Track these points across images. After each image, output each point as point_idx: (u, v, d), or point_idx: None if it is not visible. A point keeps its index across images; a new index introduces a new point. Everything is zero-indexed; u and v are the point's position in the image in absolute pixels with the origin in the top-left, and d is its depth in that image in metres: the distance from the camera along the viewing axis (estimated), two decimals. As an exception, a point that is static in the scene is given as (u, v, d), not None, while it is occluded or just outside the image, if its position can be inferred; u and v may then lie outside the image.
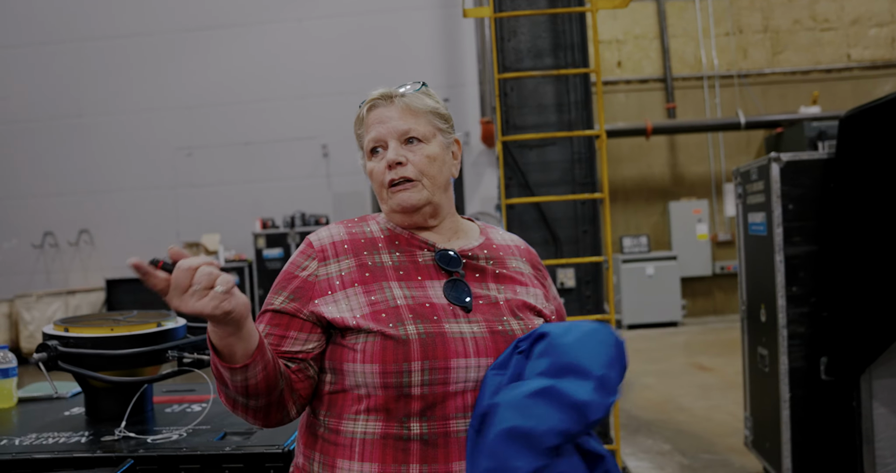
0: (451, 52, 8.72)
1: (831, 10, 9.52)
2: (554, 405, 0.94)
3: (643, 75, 9.51)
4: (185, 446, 1.54)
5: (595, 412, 0.95)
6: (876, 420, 2.87)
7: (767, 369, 3.19)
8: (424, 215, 1.20)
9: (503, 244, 1.28)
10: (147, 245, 8.62)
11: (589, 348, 1.00)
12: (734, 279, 9.43)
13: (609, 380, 0.98)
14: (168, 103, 8.73)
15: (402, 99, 1.21)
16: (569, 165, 3.64)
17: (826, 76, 9.45)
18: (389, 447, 1.06)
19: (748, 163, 3.43)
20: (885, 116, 2.69)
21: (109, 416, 1.79)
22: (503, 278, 1.21)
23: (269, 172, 8.72)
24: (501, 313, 1.15)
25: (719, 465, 3.67)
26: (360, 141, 1.25)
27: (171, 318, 1.88)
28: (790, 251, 3.01)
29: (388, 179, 1.18)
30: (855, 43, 9.52)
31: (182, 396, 2.03)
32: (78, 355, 1.68)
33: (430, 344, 1.06)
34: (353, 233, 1.21)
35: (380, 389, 1.06)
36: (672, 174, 9.58)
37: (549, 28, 3.66)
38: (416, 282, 1.15)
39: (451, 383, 1.06)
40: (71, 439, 1.64)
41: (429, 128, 1.20)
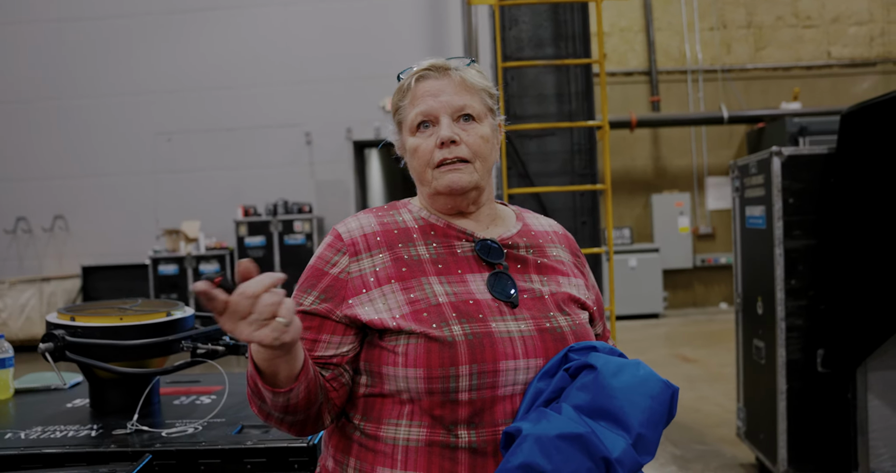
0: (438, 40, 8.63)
1: (813, 8, 9.63)
2: (581, 454, 0.89)
3: (628, 68, 9.53)
4: (204, 440, 1.49)
5: (622, 471, 0.90)
6: (870, 411, 2.93)
7: (764, 361, 3.22)
8: (469, 200, 1.12)
9: (541, 231, 1.20)
10: (125, 232, 8.44)
11: (636, 399, 0.94)
12: (714, 272, 9.56)
13: (647, 440, 0.93)
14: (148, 87, 8.51)
15: (457, 72, 1.12)
16: (568, 156, 3.62)
17: (807, 73, 9.58)
18: (436, 455, 0.99)
19: (746, 157, 3.45)
20: (885, 114, 2.72)
21: (116, 409, 1.73)
22: (545, 269, 1.14)
23: (251, 159, 8.57)
24: (548, 308, 1.08)
25: (711, 456, 3.71)
26: (398, 114, 1.15)
27: (180, 307, 1.82)
28: (789, 245, 3.04)
29: (438, 157, 1.08)
30: (835, 41, 9.66)
31: (189, 387, 1.97)
32: (87, 345, 1.61)
33: (477, 346, 1.00)
34: (384, 223, 1.13)
35: (424, 394, 1.00)
36: (655, 167, 9.65)
37: (551, 17, 3.63)
38: (457, 276, 1.08)
39: (500, 386, 1.00)
40: (80, 432, 1.58)
41: (482, 107, 1.12)
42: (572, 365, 1.01)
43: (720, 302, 9.53)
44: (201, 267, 7.91)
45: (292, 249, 7.95)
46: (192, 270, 7.91)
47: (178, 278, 7.86)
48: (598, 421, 0.93)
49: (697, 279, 9.56)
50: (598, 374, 0.96)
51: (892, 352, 2.91)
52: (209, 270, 7.92)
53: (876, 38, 9.66)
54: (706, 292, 9.56)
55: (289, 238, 7.96)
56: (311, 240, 7.96)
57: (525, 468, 0.89)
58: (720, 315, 8.83)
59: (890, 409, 2.94)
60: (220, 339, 1.71)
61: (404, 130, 1.14)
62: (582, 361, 1.01)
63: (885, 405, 2.94)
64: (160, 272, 7.86)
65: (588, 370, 0.99)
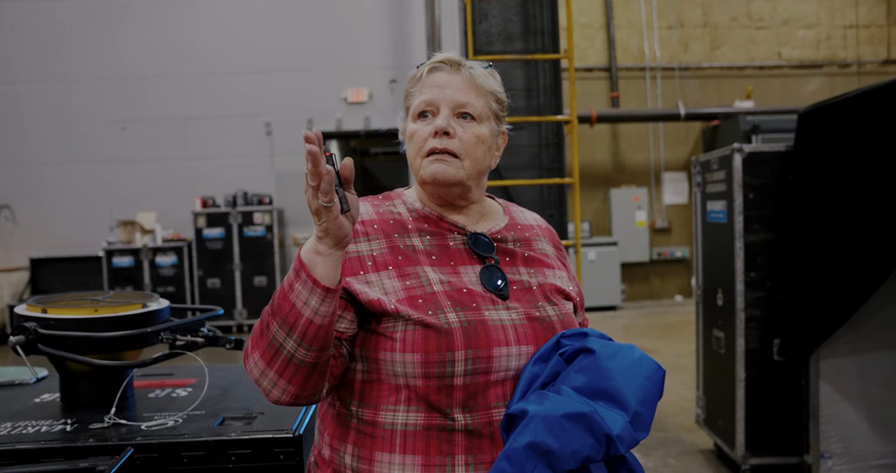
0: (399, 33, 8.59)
1: (765, 10, 9.94)
2: (585, 432, 0.94)
3: (589, 64, 9.67)
4: (186, 432, 1.47)
5: (622, 447, 0.95)
6: (821, 397, 3.07)
7: (723, 350, 3.34)
8: (453, 194, 1.15)
9: (527, 224, 1.25)
10: (76, 223, 8.17)
11: (632, 379, 1.00)
12: (670, 265, 9.81)
13: (642, 417, 0.98)
14: (102, 74, 8.23)
15: (469, 70, 1.14)
16: (536, 150, 3.67)
17: (759, 73, 9.89)
18: (433, 438, 1.02)
19: (708, 153, 3.55)
20: (840, 114, 2.84)
21: (89, 403, 1.69)
22: (532, 262, 1.18)
23: (209, 149, 8.39)
24: (536, 298, 1.13)
25: (671, 443, 3.82)
26: (407, 100, 1.17)
27: (154, 298, 1.79)
28: (749, 238, 3.15)
29: (429, 146, 1.11)
30: (785, 42, 9.99)
31: (162, 380, 1.94)
32: (60, 337, 1.57)
33: (472, 333, 1.03)
34: (380, 213, 1.15)
35: (420, 379, 1.02)
36: (614, 162, 9.83)
37: (520, 12, 3.66)
38: (450, 267, 1.11)
39: (493, 371, 1.04)
40: (53, 427, 1.53)
41: (486, 109, 1.14)
42: (567, 350, 1.06)
43: (675, 295, 9.79)
44: (158, 259, 7.72)
45: (252, 240, 7.84)
46: (149, 262, 7.72)
47: (133, 270, 7.66)
48: (597, 401, 0.98)
49: (654, 272, 9.80)
50: (597, 357, 1.01)
51: (841, 341, 3.05)
52: (166, 262, 7.73)
53: (822, 42, 10.03)
54: (662, 285, 9.81)
55: (248, 230, 7.84)
56: (272, 232, 7.86)
57: (533, 446, 0.93)
58: (675, 307, 9.08)
59: (839, 395, 3.08)
60: (199, 330, 1.68)
61: (409, 116, 1.17)
62: (578, 345, 1.05)
63: (835, 391, 3.08)
64: (115, 265, 7.64)
65: (585, 354, 1.03)
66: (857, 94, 2.78)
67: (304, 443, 1.48)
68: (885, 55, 10.07)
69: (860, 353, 3.07)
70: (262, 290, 7.83)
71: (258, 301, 7.82)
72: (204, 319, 1.74)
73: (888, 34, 10.07)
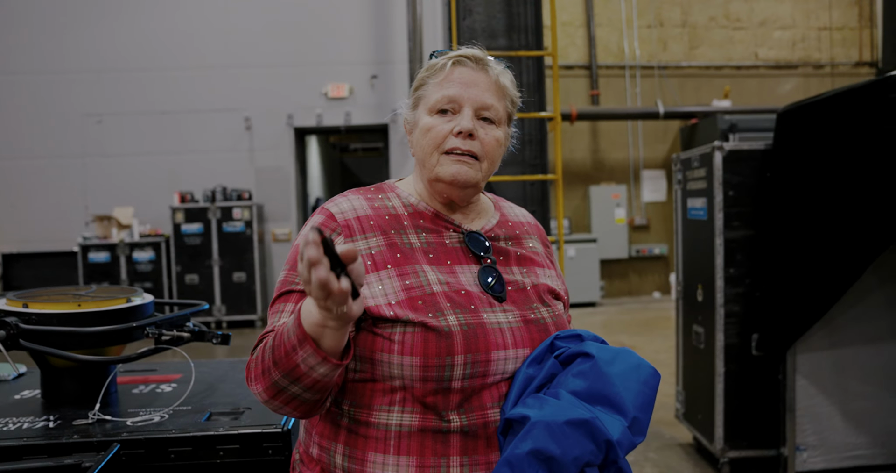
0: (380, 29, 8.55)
1: (743, 11, 10.07)
2: (586, 439, 0.95)
3: (569, 62, 9.72)
4: (173, 427, 1.45)
5: (621, 452, 0.96)
6: (798, 391, 3.13)
7: (703, 345, 3.38)
8: (467, 195, 1.14)
9: (517, 221, 1.24)
10: (51, 218, 8.02)
11: (631, 384, 1.00)
12: (648, 262, 9.92)
13: (640, 422, 1.00)
14: (77, 66, 8.08)
15: (495, 70, 1.12)
16: (519, 147, 3.67)
17: (736, 72, 10.02)
18: (428, 439, 1.01)
19: (689, 151, 3.60)
20: (819, 113, 2.89)
21: (71, 399, 1.66)
22: (524, 260, 1.18)
23: (188, 144, 8.28)
24: (531, 300, 1.12)
25: (651, 437, 3.87)
26: (421, 89, 1.13)
27: (138, 293, 1.77)
28: (729, 235, 3.20)
29: (451, 145, 1.09)
30: (762, 43, 10.13)
31: (146, 376, 1.91)
32: (43, 332, 1.54)
33: (471, 336, 1.02)
34: (375, 207, 1.13)
35: (418, 382, 1.01)
36: (593, 160, 9.90)
37: (504, 9, 3.67)
38: (447, 267, 1.10)
39: (490, 375, 1.04)
40: (36, 424, 1.51)
41: (504, 113, 1.13)
42: (563, 353, 1.06)
43: (654, 291, 9.90)
44: (135, 255, 7.61)
45: (231, 236, 7.76)
46: (126, 257, 7.60)
47: (110, 265, 7.54)
48: (595, 406, 0.98)
49: (632, 269, 9.89)
50: (595, 362, 1.01)
51: (817, 336, 3.11)
52: (143, 257, 7.63)
53: (798, 43, 10.19)
54: (640, 282, 9.91)
55: (227, 225, 7.76)
56: (251, 227, 7.79)
57: (535, 453, 0.93)
58: (654, 304, 9.18)
59: (814, 388, 3.15)
60: (185, 325, 1.67)
61: (421, 107, 1.13)
62: (575, 349, 1.05)
63: (810, 384, 3.15)
64: (90, 260, 7.52)
65: (583, 357, 1.03)
66: (834, 94, 2.83)
67: (293, 438, 1.47)
68: (857, 57, 10.26)
69: (835, 348, 3.14)
70: (242, 286, 7.76)
71: (237, 297, 7.75)
72: (189, 314, 1.73)
73: (860, 37, 10.26)
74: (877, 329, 3.15)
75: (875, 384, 3.17)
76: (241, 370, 1.98)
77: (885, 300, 3.15)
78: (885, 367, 3.16)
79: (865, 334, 3.15)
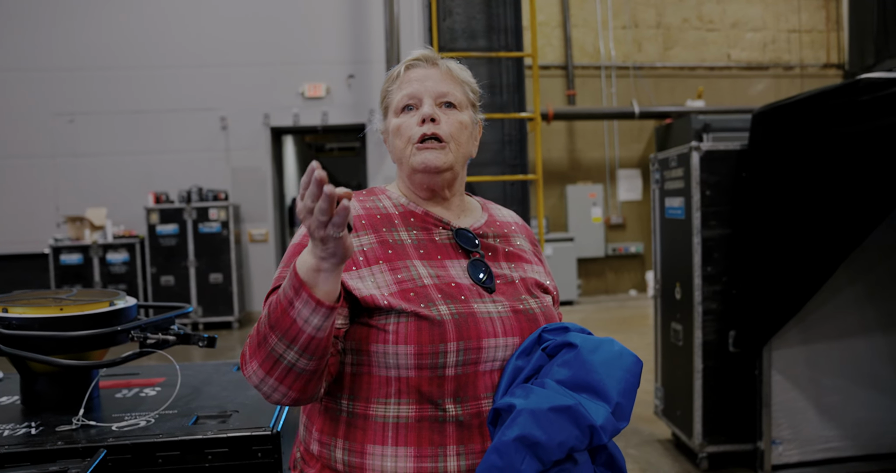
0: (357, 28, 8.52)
1: (715, 12, 10.23)
2: (570, 424, 0.98)
3: (545, 62, 9.78)
4: (160, 432, 1.44)
5: (605, 436, 0.99)
6: (773, 386, 3.20)
7: (681, 343, 3.44)
8: (444, 181, 1.18)
9: (504, 221, 1.28)
10: (20, 219, 7.85)
11: (613, 372, 1.03)
12: (625, 260, 10.03)
13: (623, 408, 1.02)
14: (47, 63, 7.91)
15: (445, 63, 1.21)
16: (499, 147, 3.70)
17: (710, 73, 10.18)
18: (425, 429, 1.04)
19: (666, 151, 3.65)
20: (792, 114, 2.96)
21: (52, 405, 1.64)
22: (512, 256, 1.22)
23: (162, 143, 8.16)
24: (519, 292, 1.16)
25: (630, 433, 3.92)
26: (386, 99, 1.22)
27: (121, 296, 1.75)
28: (706, 234, 3.25)
29: (419, 133, 1.15)
30: (734, 44, 10.30)
31: (129, 380, 1.89)
32: (24, 337, 1.52)
33: (463, 324, 1.06)
34: (367, 208, 1.18)
35: (413, 370, 1.04)
36: (570, 159, 9.98)
37: (484, 10, 3.68)
38: (437, 262, 1.13)
39: (482, 362, 1.07)
40: (17, 431, 1.48)
41: (464, 98, 1.20)
42: (549, 344, 1.09)
43: (630, 289, 10.01)
44: (108, 256, 7.49)
45: (207, 237, 7.67)
46: (99, 259, 7.47)
47: (82, 267, 7.40)
48: (580, 394, 1.01)
49: (609, 268, 9.99)
50: (579, 351, 1.04)
51: (792, 332, 3.19)
52: (117, 259, 7.51)
53: (769, 45, 10.39)
54: (617, 280, 10.02)
55: (203, 226, 7.67)
56: (227, 228, 7.71)
57: (521, 439, 0.96)
58: (630, 302, 9.29)
59: (789, 383, 3.22)
60: (170, 328, 1.65)
61: (390, 114, 1.20)
62: (560, 340, 1.08)
63: (786, 380, 3.22)
64: (62, 262, 7.37)
65: (568, 348, 1.06)
66: (807, 96, 2.90)
67: (283, 441, 1.47)
68: (825, 59, 10.49)
69: (809, 343, 3.22)
70: (218, 287, 7.68)
71: (214, 299, 7.66)
72: (174, 316, 1.71)
73: (827, 39, 10.49)
74: (847, 325, 3.23)
75: (846, 378, 3.25)
76: (224, 373, 1.96)
77: (855, 297, 3.23)
78: (855, 361, 3.25)
79: (837, 330, 3.23)
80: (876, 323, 3.26)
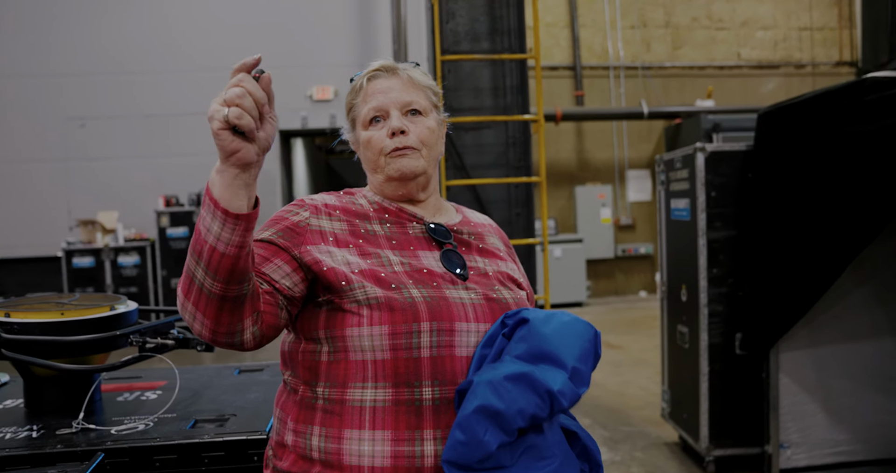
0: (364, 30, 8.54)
1: (725, 11, 10.17)
2: (528, 391, 0.98)
3: (553, 63, 9.76)
4: (157, 436, 1.45)
5: (564, 401, 1.00)
6: (781, 389, 3.17)
7: (687, 345, 3.42)
8: (418, 185, 1.21)
9: (479, 222, 1.32)
10: (33, 222, 7.93)
11: (566, 339, 1.05)
12: (634, 261, 9.98)
13: (581, 373, 1.03)
14: (59, 69, 8.00)
15: (405, 71, 1.23)
16: (503, 149, 3.70)
17: (719, 72, 10.11)
18: (402, 413, 1.04)
19: (672, 152, 3.63)
20: (798, 114, 2.93)
21: (54, 408, 1.65)
22: (486, 253, 1.25)
23: (172, 147, 8.22)
24: (492, 282, 1.18)
25: (638, 436, 3.90)
26: (352, 111, 1.24)
27: (122, 301, 1.76)
28: (711, 236, 3.23)
29: (391, 146, 1.18)
30: (744, 43, 10.23)
31: (131, 383, 1.91)
32: (26, 342, 1.54)
33: (435, 307, 1.07)
34: (343, 202, 1.21)
35: (388, 351, 1.05)
36: (578, 160, 9.95)
37: (487, 12, 3.68)
38: (410, 252, 1.16)
39: (457, 346, 1.07)
40: (18, 434, 1.50)
41: (428, 102, 1.23)
42: (508, 327, 1.11)
43: (640, 290, 9.96)
44: (120, 259, 7.55)
45: (217, 240, 7.71)
46: (110, 262, 7.54)
47: (94, 270, 7.48)
48: (538, 364, 1.03)
49: (618, 269, 9.95)
50: (531, 324, 1.07)
51: (800, 334, 3.15)
52: (128, 262, 7.57)
53: (779, 43, 10.31)
54: (627, 281, 9.97)
55: (213, 229, 7.71)
56: (237, 231, 7.75)
57: (481, 410, 0.97)
58: (640, 303, 9.24)
59: (797, 387, 3.19)
60: (169, 333, 1.67)
61: (358, 126, 1.23)
62: (515, 320, 1.10)
63: (793, 383, 3.19)
64: (75, 265, 7.45)
65: (522, 324, 1.08)
66: (812, 96, 2.87)
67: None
68: (838, 57, 10.39)
69: (817, 346, 3.18)
70: (228, 290, 7.71)
71: (224, 301, 7.69)
72: (174, 321, 1.72)
73: (840, 37, 10.40)
74: (857, 327, 3.19)
75: (856, 380, 3.21)
76: (226, 377, 1.98)
77: (864, 298, 3.20)
78: (865, 364, 3.21)
79: (846, 332, 3.19)
80: (886, 325, 3.22)
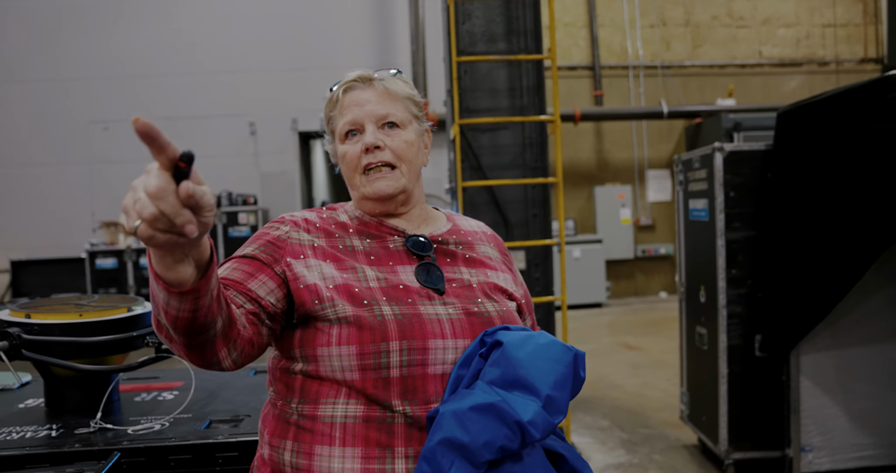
0: (383, 33, 8.58)
1: (746, 9, 10.04)
2: (495, 422, 0.93)
3: (572, 62, 9.72)
4: (173, 436, 1.47)
5: (536, 433, 0.94)
6: (802, 392, 3.12)
7: (706, 347, 3.38)
8: (397, 203, 1.19)
9: (471, 230, 1.28)
10: (58, 224, 8.09)
11: (541, 364, 0.99)
12: (654, 262, 9.89)
13: (556, 401, 0.97)
14: (83, 73, 8.15)
15: (381, 82, 1.19)
16: (520, 150, 3.69)
17: (740, 71, 9.99)
18: (373, 430, 1.02)
19: (690, 152, 3.59)
20: (819, 113, 2.89)
21: (74, 408, 1.68)
22: (473, 262, 1.21)
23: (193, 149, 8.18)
24: (475, 295, 1.14)
25: (657, 438, 3.86)
26: (330, 124, 1.21)
27: (140, 302, 1.79)
28: (730, 236, 3.19)
29: (364, 163, 1.15)
30: (766, 41, 10.10)
31: (148, 384, 1.93)
32: (46, 342, 1.56)
33: (406, 325, 1.04)
34: (323, 219, 1.19)
35: (357, 372, 1.02)
36: (598, 160, 9.89)
37: (503, 13, 3.68)
38: (388, 267, 1.13)
39: (430, 364, 1.04)
40: (38, 433, 1.53)
41: (406, 114, 1.19)
42: (486, 346, 1.06)
43: (660, 291, 9.87)
44: (142, 261, 7.66)
45: (237, 241, 7.80)
46: (133, 263, 7.66)
47: (117, 272, 7.60)
48: (511, 391, 0.97)
49: (638, 269, 9.87)
50: (504, 348, 1.02)
51: (822, 336, 3.10)
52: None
53: (802, 40, 10.15)
54: (647, 282, 9.89)
55: (233, 230, 7.81)
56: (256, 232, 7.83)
57: (445, 442, 0.93)
58: (660, 304, 9.16)
59: (819, 389, 3.14)
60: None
61: (336, 139, 1.20)
62: (492, 341, 1.06)
63: (815, 385, 3.14)
64: (98, 266, 7.57)
65: (497, 347, 1.04)
66: (833, 93, 2.82)
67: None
68: (862, 54, 10.21)
69: (839, 348, 3.13)
70: (248, 290, 7.79)
71: (244, 302, 7.77)
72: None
73: (864, 33, 10.21)
74: (880, 329, 3.14)
75: (880, 383, 3.15)
76: (242, 377, 2.00)
77: (888, 300, 3.14)
78: (889, 367, 3.15)
79: (869, 334, 3.13)
80: (910, 327, 3.16)
